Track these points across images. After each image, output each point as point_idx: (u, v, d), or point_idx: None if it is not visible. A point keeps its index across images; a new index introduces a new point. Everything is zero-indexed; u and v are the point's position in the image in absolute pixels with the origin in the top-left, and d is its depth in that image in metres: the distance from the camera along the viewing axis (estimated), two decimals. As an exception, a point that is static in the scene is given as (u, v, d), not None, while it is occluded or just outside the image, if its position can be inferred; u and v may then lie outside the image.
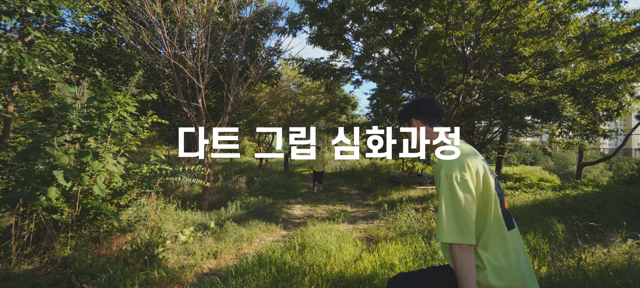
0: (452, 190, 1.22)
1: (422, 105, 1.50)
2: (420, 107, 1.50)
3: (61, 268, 2.91)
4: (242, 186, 8.87)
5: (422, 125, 1.49)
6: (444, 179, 1.24)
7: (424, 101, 1.51)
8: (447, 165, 1.26)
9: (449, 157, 1.30)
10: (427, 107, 1.49)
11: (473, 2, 7.91)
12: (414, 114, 1.51)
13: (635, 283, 2.73)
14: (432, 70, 9.78)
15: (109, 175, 3.37)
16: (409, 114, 1.53)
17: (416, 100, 1.55)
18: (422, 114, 1.49)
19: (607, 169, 30.40)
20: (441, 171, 1.26)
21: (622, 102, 7.75)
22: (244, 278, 3.02)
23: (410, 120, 1.53)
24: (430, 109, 1.49)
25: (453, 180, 1.23)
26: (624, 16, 6.67)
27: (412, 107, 1.53)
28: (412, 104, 1.55)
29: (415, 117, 1.50)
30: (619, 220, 4.84)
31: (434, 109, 1.49)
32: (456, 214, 1.20)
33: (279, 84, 13.16)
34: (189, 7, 5.88)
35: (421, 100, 1.52)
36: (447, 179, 1.23)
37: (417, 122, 1.50)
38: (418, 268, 3.20)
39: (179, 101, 5.96)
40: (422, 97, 1.54)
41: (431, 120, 1.49)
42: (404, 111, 1.57)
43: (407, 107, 1.56)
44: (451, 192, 1.22)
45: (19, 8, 4.07)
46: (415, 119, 1.50)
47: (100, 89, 3.26)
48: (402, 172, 14.50)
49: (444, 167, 1.26)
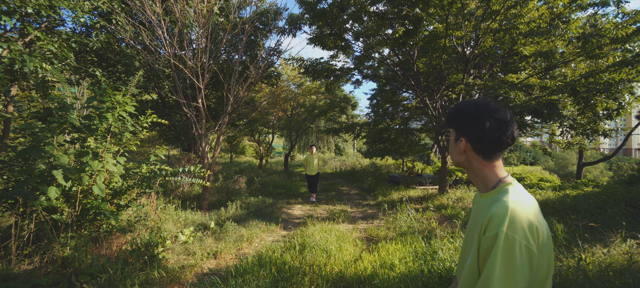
0: (511, 262, 0.82)
1: (486, 127, 0.95)
2: (480, 127, 0.96)
3: (61, 268, 2.91)
4: (242, 186, 8.86)
5: (472, 153, 1.01)
6: (502, 241, 0.83)
7: (492, 120, 0.95)
8: (512, 222, 0.85)
9: (518, 207, 0.87)
10: (492, 130, 0.95)
11: (473, 2, 7.90)
12: (466, 131, 1.01)
13: (635, 283, 2.73)
14: (432, 70, 9.77)
15: (108, 175, 3.37)
16: (460, 128, 1.04)
17: (478, 114, 0.98)
18: (480, 139, 0.97)
19: (607, 169, 30.38)
20: (499, 227, 0.85)
21: (622, 101, 7.75)
22: (244, 278, 3.02)
23: (458, 137, 1.04)
24: (495, 135, 0.95)
25: (516, 248, 0.82)
26: (625, 16, 6.66)
27: (467, 123, 1.01)
28: (469, 116, 1.00)
29: (466, 137, 1.01)
30: (619, 220, 4.84)
31: (504, 138, 0.95)
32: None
33: (279, 84, 13.16)
34: (189, 7, 5.88)
35: (486, 118, 0.96)
36: (507, 243, 0.83)
37: (466, 145, 1.01)
38: (418, 268, 3.20)
39: (179, 101, 5.96)
40: (491, 111, 0.96)
41: (490, 151, 0.98)
42: (455, 118, 1.06)
43: (460, 115, 1.03)
44: (510, 265, 0.82)
45: (19, 8, 4.06)
46: (466, 139, 1.01)
47: (100, 88, 3.26)
48: (402, 172, 14.51)
49: (505, 223, 0.85)
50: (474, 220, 1.02)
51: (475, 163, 1.02)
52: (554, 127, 11.23)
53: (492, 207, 0.91)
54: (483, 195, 1.02)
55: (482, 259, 0.88)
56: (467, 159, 1.03)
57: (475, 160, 1.01)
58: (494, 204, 0.91)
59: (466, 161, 1.04)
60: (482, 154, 0.99)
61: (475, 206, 1.09)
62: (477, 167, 1.02)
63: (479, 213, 0.98)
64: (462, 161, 1.05)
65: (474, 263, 0.92)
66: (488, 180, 1.01)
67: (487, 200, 0.97)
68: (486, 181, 1.01)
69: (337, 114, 18.17)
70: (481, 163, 1.01)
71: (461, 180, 10.81)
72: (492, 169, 1.00)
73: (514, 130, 0.97)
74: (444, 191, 8.63)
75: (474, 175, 1.04)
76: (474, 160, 1.02)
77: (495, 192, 0.97)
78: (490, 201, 0.95)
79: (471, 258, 0.93)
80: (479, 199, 1.05)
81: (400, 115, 13.60)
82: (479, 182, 1.04)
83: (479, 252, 0.90)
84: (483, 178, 1.02)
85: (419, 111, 11.44)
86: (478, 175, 1.03)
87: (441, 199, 7.66)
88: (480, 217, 0.95)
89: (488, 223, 0.88)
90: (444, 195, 8.10)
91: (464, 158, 1.04)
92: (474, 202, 1.13)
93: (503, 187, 0.97)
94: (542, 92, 7.07)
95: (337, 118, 18.94)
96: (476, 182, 1.06)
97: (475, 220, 0.99)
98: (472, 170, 1.04)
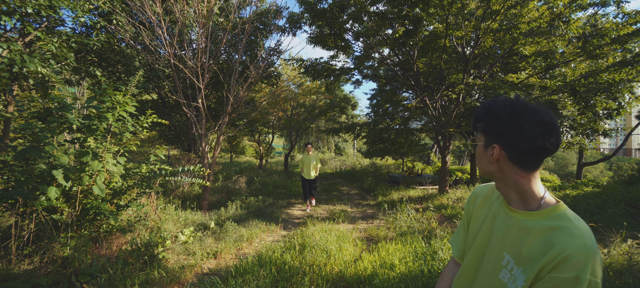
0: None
1: (527, 132, 0.80)
2: (519, 132, 0.81)
3: (61, 268, 2.91)
4: (242, 186, 8.87)
5: (507, 162, 0.86)
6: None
7: (534, 124, 0.80)
8: (595, 267, 0.72)
9: (595, 246, 0.74)
10: (534, 137, 0.80)
11: (473, 2, 7.91)
12: (500, 136, 0.86)
13: (635, 283, 2.73)
14: (432, 70, 9.78)
15: (108, 175, 3.37)
16: (492, 132, 0.88)
17: (516, 116, 0.83)
18: (518, 147, 0.82)
19: (607, 169, 30.39)
20: (581, 271, 0.71)
21: (622, 101, 7.76)
22: (244, 278, 3.02)
23: (490, 143, 0.88)
24: (537, 143, 0.80)
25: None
26: (625, 16, 6.67)
27: (502, 127, 0.85)
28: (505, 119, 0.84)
29: (500, 144, 0.86)
30: (619, 220, 4.85)
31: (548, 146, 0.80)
32: None
33: (279, 84, 13.16)
34: (189, 7, 5.88)
35: (526, 121, 0.81)
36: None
37: (501, 153, 0.86)
38: (418, 268, 3.20)
39: (179, 101, 5.96)
40: (532, 113, 0.81)
41: (530, 161, 0.83)
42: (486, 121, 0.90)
43: (494, 117, 0.87)
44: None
45: (19, 8, 4.07)
46: (499, 146, 0.86)
47: (100, 88, 3.26)
48: (402, 172, 14.52)
49: (589, 269, 0.71)
50: (504, 237, 0.88)
51: (510, 175, 0.86)
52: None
53: (558, 239, 0.76)
54: (520, 213, 0.86)
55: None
56: (499, 169, 0.87)
57: (511, 171, 0.86)
58: (561, 236, 0.76)
59: (498, 171, 0.88)
60: (519, 164, 0.84)
61: (495, 216, 0.94)
62: (514, 180, 0.86)
63: (515, 233, 0.85)
64: (493, 171, 0.89)
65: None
66: (528, 196, 0.86)
67: (533, 224, 0.82)
68: (525, 196, 0.86)
69: (337, 114, 18.18)
70: (518, 175, 0.85)
71: (461, 180, 10.81)
72: (531, 182, 0.85)
73: (559, 136, 0.82)
74: (444, 191, 8.63)
75: (507, 187, 0.89)
76: (510, 170, 0.86)
77: (547, 215, 0.81)
78: (544, 227, 0.80)
79: (508, 280, 0.83)
80: (505, 212, 0.91)
81: (400, 115, 13.61)
82: (514, 195, 0.88)
83: (533, 283, 0.78)
84: (521, 193, 0.87)
85: (419, 111, 11.44)
86: (513, 188, 0.88)
87: (441, 199, 7.66)
88: (524, 240, 0.82)
89: (563, 262, 0.73)
90: (444, 195, 8.11)
91: (496, 168, 0.88)
92: (488, 206, 0.99)
93: (557, 211, 0.81)
94: (542, 92, 7.07)
95: (337, 118, 18.95)
96: (508, 194, 0.90)
97: (507, 238, 0.87)
98: (505, 182, 0.89)
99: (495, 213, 0.95)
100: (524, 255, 0.81)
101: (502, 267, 0.85)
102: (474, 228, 1.02)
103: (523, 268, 0.80)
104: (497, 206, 0.95)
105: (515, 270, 0.82)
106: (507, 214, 0.90)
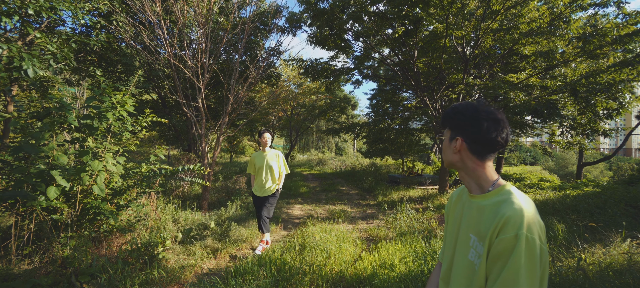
0: (534, 263, 0.82)
1: (484, 127, 0.97)
2: (478, 127, 0.98)
3: (61, 268, 2.91)
4: (242, 186, 8.87)
5: (467, 153, 1.02)
6: (523, 242, 0.82)
7: (489, 121, 0.98)
8: (529, 224, 0.85)
9: (529, 209, 0.88)
10: (489, 131, 0.97)
11: (473, 2, 7.90)
12: (462, 130, 1.02)
13: (635, 283, 2.73)
14: (432, 70, 9.77)
15: (108, 175, 3.37)
16: (456, 127, 1.05)
17: (476, 114, 1.00)
18: (476, 139, 0.99)
19: (607, 169, 30.39)
20: (518, 229, 0.84)
21: (622, 101, 7.75)
22: (244, 278, 3.02)
23: (454, 136, 1.05)
24: (491, 136, 0.97)
25: (536, 249, 0.83)
26: (625, 17, 6.66)
27: (464, 122, 1.02)
28: (467, 116, 1.02)
29: (462, 136, 1.02)
30: (619, 220, 4.84)
31: (499, 139, 0.98)
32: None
33: (279, 84, 13.17)
34: (189, 7, 5.88)
35: (484, 118, 0.98)
36: (528, 245, 0.82)
37: (462, 144, 1.02)
38: (418, 268, 3.20)
39: (179, 101, 5.96)
40: (488, 113, 0.99)
41: (485, 152, 1.00)
42: (452, 118, 1.07)
43: (459, 114, 1.04)
44: (533, 265, 0.82)
45: (19, 9, 4.07)
46: (461, 138, 1.02)
47: (99, 88, 3.26)
48: (402, 172, 14.51)
49: (524, 225, 0.84)
50: (468, 221, 1.02)
51: (469, 163, 1.02)
52: (554, 127, 11.23)
53: (501, 208, 0.90)
54: (477, 196, 1.01)
55: (493, 260, 0.87)
56: (461, 159, 1.04)
57: (470, 160, 1.02)
58: (503, 206, 0.90)
59: (460, 161, 1.04)
60: (477, 154, 1.01)
61: (463, 206, 1.09)
62: (472, 167, 1.02)
63: (475, 214, 0.99)
64: (455, 161, 1.05)
65: (482, 264, 0.91)
66: (483, 181, 1.02)
67: (486, 202, 0.97)
68: (481, 182, 1.02)
69: (337, 114, 18.18)
70: (475, 164, 1.02)
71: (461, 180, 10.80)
72: (486, 170, 1.01)
73: (508, 132, 1.00)
74: (443, 191, 8.62)
75: (467, 175, 1.05)
76: (469, 160, 1.02)
77: (496, 193, 0.97)
78: (493, 203, 0.95)
79: (474, 257, 0.94)
80: (468, 200, 1.06)
81: (400, 115, 13.60)
82: (472, 183, 1.04)
83: (489, 252, 0.89)
84: (477, 179, 1.03)
85: (419, 111, 11.44)
86: (472, 175, 1.03)
87: (441, 199, 7.66)
88: (481, 218, 0.96)
89: (504, 225, 0.86)
90: (444, 195, 8.10)
91: (458, 158, 1.04)
92: (459, 202, 1.13)
93: (504, 189, 0.97)
94: (542, 92, 7.07)
95: (337, 118, 18.94)
96: (468, 183, 1.06)
97: (470, 221, 1.01)
98: (465, 170, 1.05)
99: (463, 204, 1.09)
100: (482, 231, 0.93)
101: (470, 248, 0.97)
102: (451, 224, 1.16)
103: (483, 243, 0.92)
104: (465, 199, 1.10)
105: (478, 247, 0.94)
106: (469, 201, 1.05)
